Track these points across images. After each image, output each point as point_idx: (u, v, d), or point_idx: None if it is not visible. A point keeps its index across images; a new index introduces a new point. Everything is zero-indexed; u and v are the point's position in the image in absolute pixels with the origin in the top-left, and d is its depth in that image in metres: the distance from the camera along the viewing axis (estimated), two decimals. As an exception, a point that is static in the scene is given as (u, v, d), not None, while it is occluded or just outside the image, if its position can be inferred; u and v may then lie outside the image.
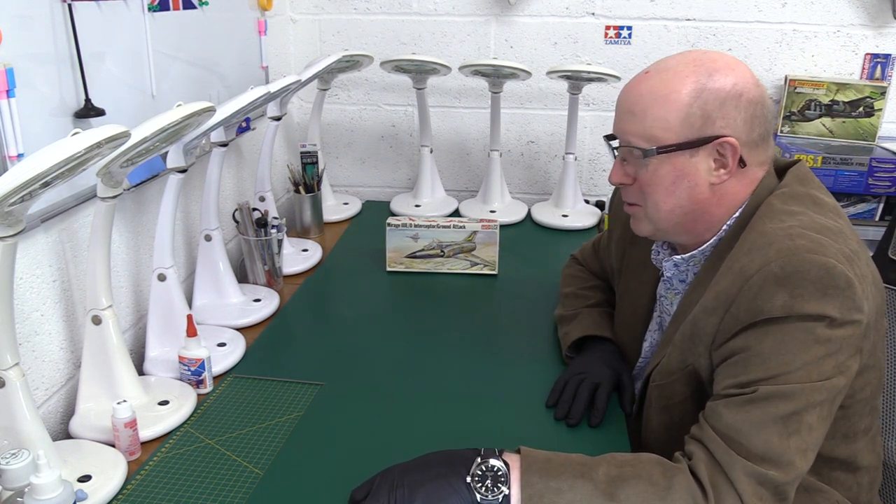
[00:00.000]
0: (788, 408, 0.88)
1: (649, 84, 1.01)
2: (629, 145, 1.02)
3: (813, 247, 0.90)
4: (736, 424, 0.90)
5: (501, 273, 1.68)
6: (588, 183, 2.20)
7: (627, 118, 1.02)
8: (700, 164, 1.00)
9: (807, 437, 0.89)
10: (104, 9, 1.22)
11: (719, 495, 0.87)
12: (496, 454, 0.91)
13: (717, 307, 0.96)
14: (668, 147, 0.99)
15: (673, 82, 0.99)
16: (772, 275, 0.90)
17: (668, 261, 1.11)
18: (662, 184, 1.01)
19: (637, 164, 1.03)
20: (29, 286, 1.10)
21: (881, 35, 1.96)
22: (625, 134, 1.03)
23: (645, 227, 1.08)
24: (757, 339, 0.91)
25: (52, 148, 0.82)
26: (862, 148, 1.95)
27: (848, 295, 0.88)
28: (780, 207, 0.98)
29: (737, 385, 0.92)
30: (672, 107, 0.98)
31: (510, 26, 2.07)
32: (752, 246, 0.94)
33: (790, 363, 0.89)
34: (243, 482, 1.02)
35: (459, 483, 0.89)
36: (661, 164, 1.00)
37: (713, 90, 0.98)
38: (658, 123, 0.99)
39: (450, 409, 1.19)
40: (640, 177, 1.03)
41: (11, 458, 0.87)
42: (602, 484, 0.88)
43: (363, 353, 1.36)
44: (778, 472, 0.88)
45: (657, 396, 1.07)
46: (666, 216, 1.04)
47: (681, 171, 1.00)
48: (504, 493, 0.88)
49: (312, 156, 1.89)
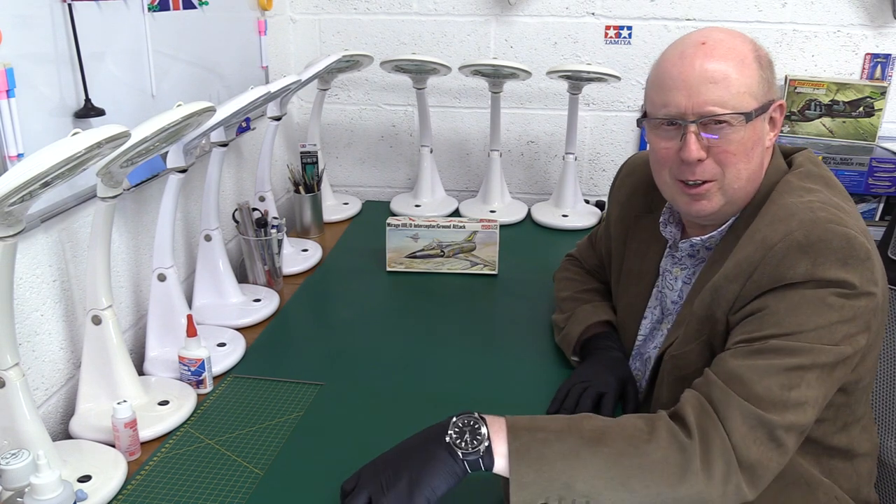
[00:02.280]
0: (794, 361, 0.90)
1: (719, 53, 0.99)
2: (717, 114, 0.98)
3: (835, 219, 0.93)
4: (739, 370, 0.91)
5: (501, 273, 1.68)
6: (588, 183, 2.20)
7: (709, 88, 0.98)
8: (765, 127, 1.03)
9: (806, 392, 0.90)
10: (104, 9, 1.22)
11: (705, 433, 0.88)
12: (471, 413, 0.92)
13: (738, 274, 0.97)
14: (757, 110, 1.00)
15: (740, 50, 1.00)
16: (795, 243, 0.92)
17: (685, 242, 1.12)
18: (744, 150, 1.00)
19: (721, 134, 0.99)
20: (29, 286, 1.10)
21: (881, 35, 1.96)
22: (707, 105, 0.98)
23: (716, 202, 1.03)
24: (775, 300, 0.93)
25: (52, 148, 0.82)
26: (862, 148, 1.95)
27: (867, 266, 0.92)
28: (798, 185, 1.01)
29: (747, 339, 0.94)
30: (750, 72, 1.00)
31: (510, 26, 2.07)
32: (775, 217, 0.96)
33: (804, 324, 0.91)
34: (243, 482, 1.02)
35: (440, 449, 0.89)
36: (744, 130, 0.99)
37: (763, 56, 1.02)
38: (744, 89, 0.99)
39: (450, 408, 1.18)
40: (720, 147, 1.00)
41: (11, 459, 0.88)
42: (587, 433, 0.89)
43: (363, 353, 1.36)
44: (773, 413, 0.89)
45: (670, 368, 1.07)
46: (745, 183, 1.02)
47: (758, 135, 1.01)
48: (485, 444, 0.88)
49: (312, 156, 1.89)
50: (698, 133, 1.00)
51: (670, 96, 1.00)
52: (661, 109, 1.02)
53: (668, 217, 1.16)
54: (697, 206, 1.04)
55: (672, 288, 1.15)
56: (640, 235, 1.22)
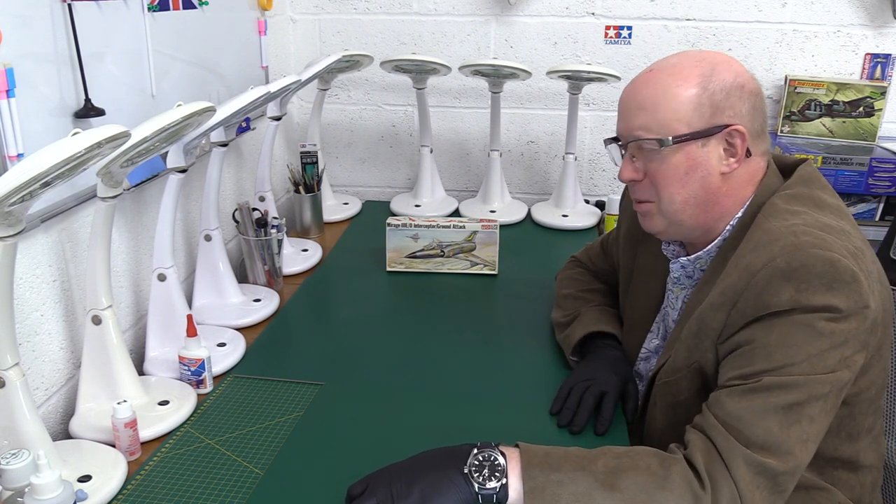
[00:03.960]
0: (790, 398, 0.89)
1: (657, 79, 1.03)
2: (639, 140, 1.03)
3: (817, 242, 0.91)
4: (737, 412, 0.90)
5: (501, 273, 1.68)
6: (588, 183, 2.20)
7: (637, 114, 1.03)
8: (711, 153, 1.01)
9: (807, 427, 0.90)
10: (104, 9, 1.22)
11: (715, 482, 0.88)
12: (493, 446, 0.92)
13: (723, 303, 0.97)
14: (682, 136, 1.00)
15: (680, 76, 1.01)
16: (778, 270, 0.91)
17: (675, 262, 1.12)
18: (676, 175, 1.02)
19: (649, 158, 1.04)
20: (29, 286, 1.10)
21: (881, 35, 1.96)
22: (635, 130, 1.03)
23: (658, 223, 1.08)
24: (762, 331, 0.92)
25: (52, 148, 0.82)
26: (862, 148, 1.94)
27: (853, 288, 0.90)
28: (783, 207, 0.99)
29: (740, 376, 0.93)
30: (683, 98, 1.00)
31: (510, 26, 2.07)
32: (758, 243, 0.95)
33: (795, 355, 0.90)
34: (243, 482, 1.02)
35: (457, 475, 0.89)
36: (674, 155, 1.01)
37: (718, 81, 1.01)
38: (670, 115, 1.01)
39: (450, 408, 1.19)
40: (651, 171, 1.04)
41: (11, 458, 0.87)
42: (601, 475, 0.89)
43: (363, 353, 1.36)
44: (777, 460, 0.88)
45: (663, 394, 1.08)
46: (681, 208, 1.04)
47: (694, 160, 1.01)
48: (502, 482, 0.88)
49: (312, 156, 1.89)
50: (634, 155, 1.06)
51: (618, 119, 1.08)
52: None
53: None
54: (643, 222, 1.11)
55: (674, 307, 1.15)
56: (651, 251, 1.22)
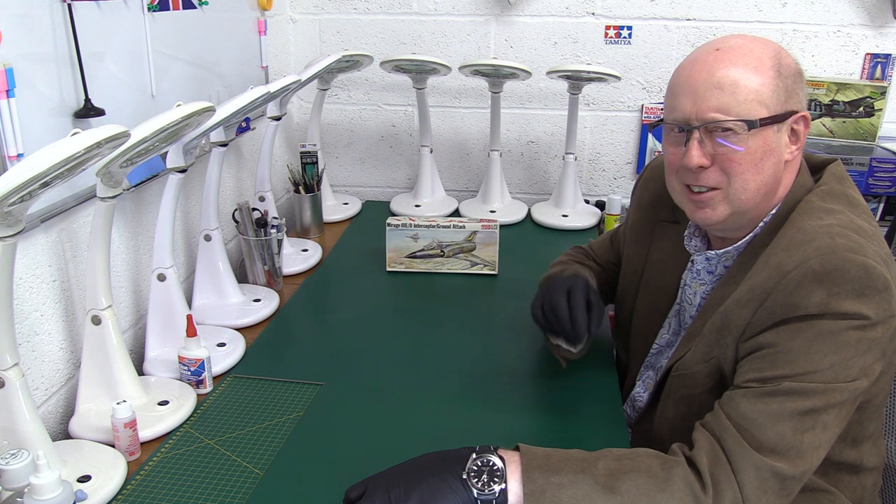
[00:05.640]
0: (808, 404, 0.88)
1: (731, 59, 0.97)
2: (720, 121, 0.97)
3: (853, 246, 0.90)
4: (752, 414, 0.90)
5: (501, 273, 1.68)
6: (588, 183, 2.20)
7: (713, 94, 0.97)
8: (781, 139, 0.99)
9: (821, 435, 0.89)
10: (104, 9, 1.22)
11: (718, 485, 0.87)
12: (491, 450, 0.91)
13: (750, 300, 0.95)
14: (765, 119, 0.96)
15: (756, 57, 0.97)
16: (811, 271, 0.90)
17: (701, 255, 1.10)
18: (752, 160, 0.97)
19: (727, 141, 0.97)
20: (29, 286, 1.10)
21: (881, 35, 1.96)
22: (710, 112, 0.97)
23: (721, 211, 1.02)
24: (788, 336, 0.91)
25: (52, 148, 0.82)
26: (862, 148, 1.94)
27: (885, 297, 0.88)
28: (819, 205, 0.98)
29: (760, 379, 0.92)
30: (763, 80, 0.96)
31: (510, 26, 2.07)
32: (791, 242, 0.94)
33: (819, 363, 0.89)
34: (243, 482, 1.02)
35: (455, 480, 0.89)
36: (752, 139, 0.97)
37: (787, 66, 0.98)
38: (752, 97, 0.96)
39: (450, 408, 1.19)
40: (724, 156, 0.98)
41: (11, 459, 0.87)
42: (602, 478, 0.88)
43: (363, 353, 1.36)
44: (787, 464, 0.88)
45: (678, 386, 1.06)
46: (753, 195, 1.00)
47: (769, 145, 0.98)
48: (501, 487, 0.88)
49: (312, 156, 1.89)
50: (702, 139, 0.99)
51: (678, 101, 1.00)
52: (671, 114, 1.02)
53: (694, 230, 1.14)
54: (701, 213, 1.03)
55: (691, 303, 1.14)
56: (664, 245, 1.20)
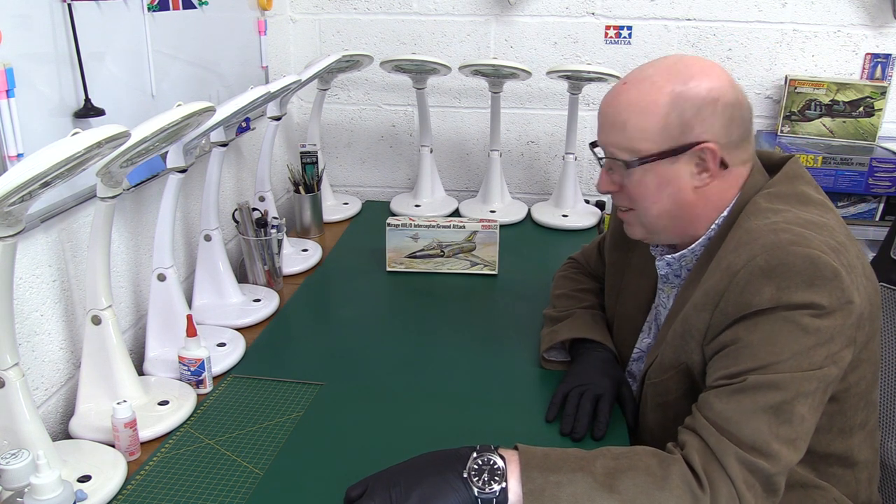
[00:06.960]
0: (777, 397, 0.89)
1: (627, 96, 1.02)
2: (612, 157, 1.05)
3: (797, 239, 0.92)
4: (726, 413, 0.91)
5: (501, 273, 1.68)
6: (588, 183, 2.20)
7: (609, 130, 1.05)
8: (682, 170, 1.02)
9: (798, 427, 0.90)
10: (104, 9, 1.22)
11: (713, 481, 0.88)
12: (492, 449, 0.92)
13: (706, 304, 0.97)
14: (649, 157, 1.01)
15: (650, 93, 1.00)
16: (758, 268, 0.92)
17: (661, 260, 1.13)
18: (648, 191, 1.04)
19: (622, 173, 1.05)
20: (29, 286, 1.10)
21: (881, 35, 1.96)
22: (608, 145, 1.05)
23: (637, 230, 1.11)
24: (746, 330, 0.93)
25: (52, 148, 0.82)
26: (862, 148, 1.94)
27: (835, 284, 0.90)
28: (765, 206, 1.00)
29: (727, 376, 0.93)
30: (650, 117, 1.00)
31: (510, 26, 2.07)
32: (738, 243, 0.96)
33: (779, 353, 0.90)
34: (243, 482, 1.02)
35: (456, 479, 0.89)
36: (644, 173, 1.03)
37: (689, 97, 0.99)
38: (638, 134, 1.01)
39: (450, 408, 1.19)
40: (626, 185, 1.06)
41: (11, 459, 0.87)
42: (601, 476, 0.89)
43: (363, 353, 1.36)
44: (767, 462, 0.88)
45: (652, 394, 1.08)
46: (655, 220, 1.07)
47: (664, 178, 1.03)
48: (502, 486, 0.88)
49: (312, 156, 1.89)
50: (608, 168, 1.08)
51: (598, 127, 1.09)
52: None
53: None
54: (626, 229, 1.13)
55: (665, 306, 1.16)
56: (642, 249, 1.22)
